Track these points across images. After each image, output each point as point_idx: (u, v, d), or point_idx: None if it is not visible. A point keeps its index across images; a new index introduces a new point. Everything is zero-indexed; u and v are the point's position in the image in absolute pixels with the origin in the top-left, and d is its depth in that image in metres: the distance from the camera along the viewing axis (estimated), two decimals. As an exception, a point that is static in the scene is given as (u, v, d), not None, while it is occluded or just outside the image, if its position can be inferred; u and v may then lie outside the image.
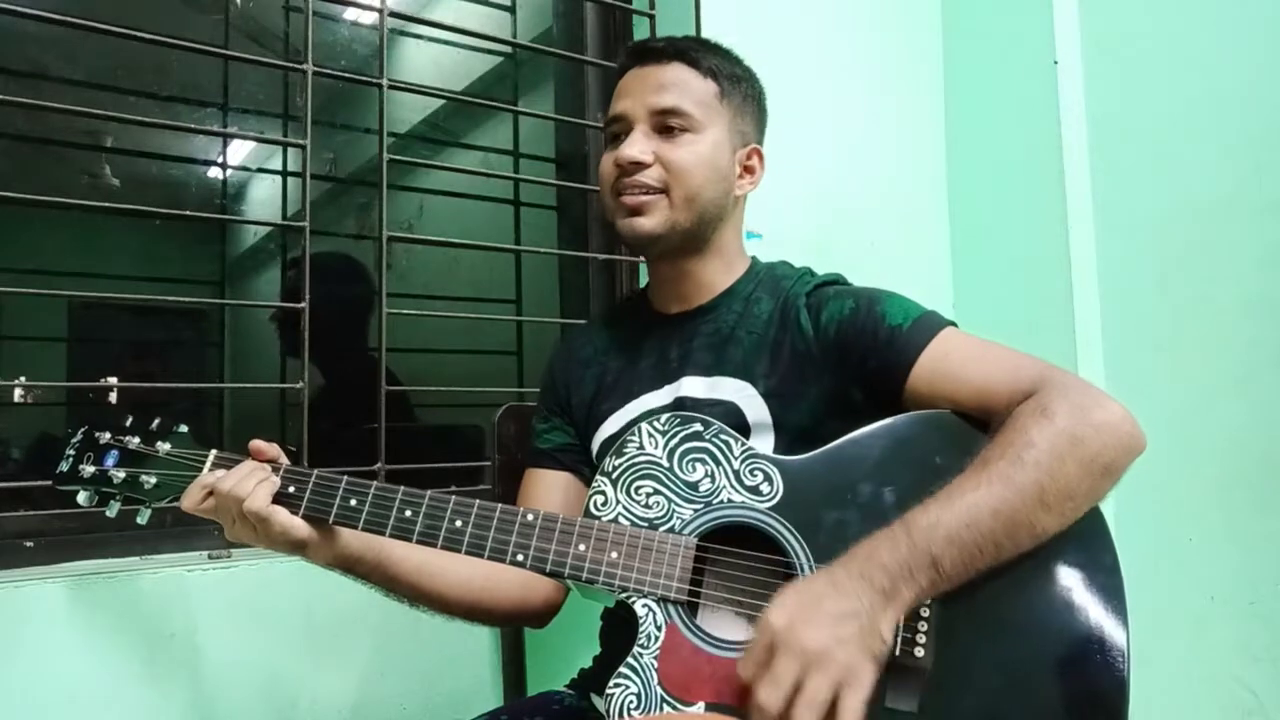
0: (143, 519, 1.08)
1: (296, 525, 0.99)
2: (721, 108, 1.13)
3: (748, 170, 1.17)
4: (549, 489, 1.20)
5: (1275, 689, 1.57)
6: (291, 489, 1.01)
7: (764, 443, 1.06)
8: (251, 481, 0.99)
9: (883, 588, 0.86)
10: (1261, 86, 1.62)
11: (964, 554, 0.88)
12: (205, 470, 1.04)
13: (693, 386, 1.12)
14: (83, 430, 1.09)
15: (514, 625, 1.22)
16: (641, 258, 1.44)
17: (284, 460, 1.04)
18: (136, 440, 1.07)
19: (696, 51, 1.14)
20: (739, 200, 1.18)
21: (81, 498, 1.06)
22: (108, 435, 1.07)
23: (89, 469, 1.06)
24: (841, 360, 1.07)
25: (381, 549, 1.04)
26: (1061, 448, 0.90)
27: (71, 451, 1.07)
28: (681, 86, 1.12)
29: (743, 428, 1.06)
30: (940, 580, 0.88)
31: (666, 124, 1.11)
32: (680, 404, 1.11)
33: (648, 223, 1.11)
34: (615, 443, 1.05)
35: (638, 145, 1.10)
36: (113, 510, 1.07)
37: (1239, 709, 1.61)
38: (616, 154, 1.12)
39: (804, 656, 0.82)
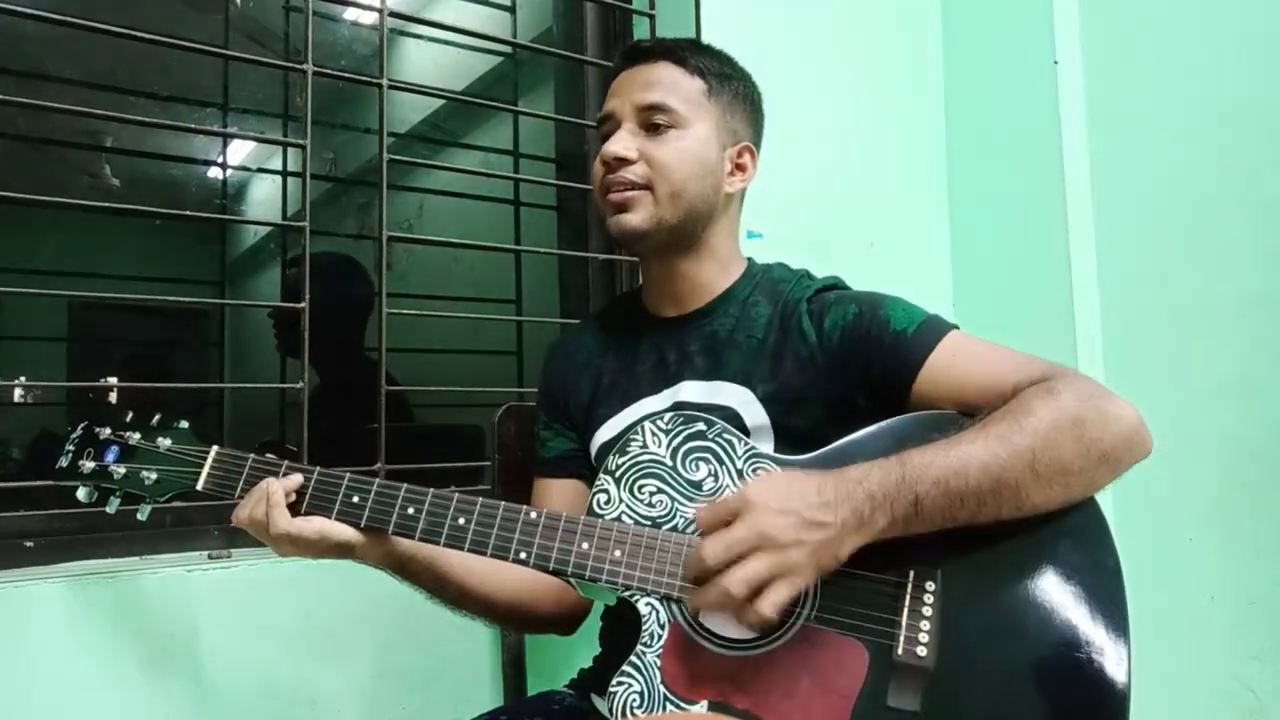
0: (143, 515, 1.07)
1: (334, 529, 1.00)
2: (709, 104, 1.13)
3: (739, 168, 1.16)
4: (556, 497, 1.20)
5: (1275, 689, 1.57)
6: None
7: (763, 447, 1.05)
8: (262, 507, 0.99)
9: (860, 513, 0.88)
10: (1261, 86, 1.62)
11: (945, 499, 0.89)
12: (206, 467, 1.04)
13: (691, 391, 1.12)
14: (83, 425, 1.08)
15: (549, 632, 1.22)
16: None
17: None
18: (137, 436, 1.06)
19: (685, 51, 1.14)
20: (731, 198, 1.17)
21: (81, 494, 1.05)
22: (108, 431, 1.07)
23: (89, 464, 1.05)
24: (846, 367, 1.06)
25: (434, 548, 1.03)
26: (1061, 423, 0.91)
27: (71, 447, 1.07)
28: (668, 84, 1.12)
29: (741, 432, 1.06)
30: (914, 519, 0.90)
31: (652, 120, 1.11)
32: (679, 409, 1.10)
33: (633, 218, 1.10)
34: (616, 444, 1.05)
35: (622, 142, 1.10)
36: (112, 507, 1.06)
37: (1239, 709, 1.61)
38: (602, 151, 1.12)
39: (760, 537, 0.87)
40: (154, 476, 1.04)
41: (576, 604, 1.18)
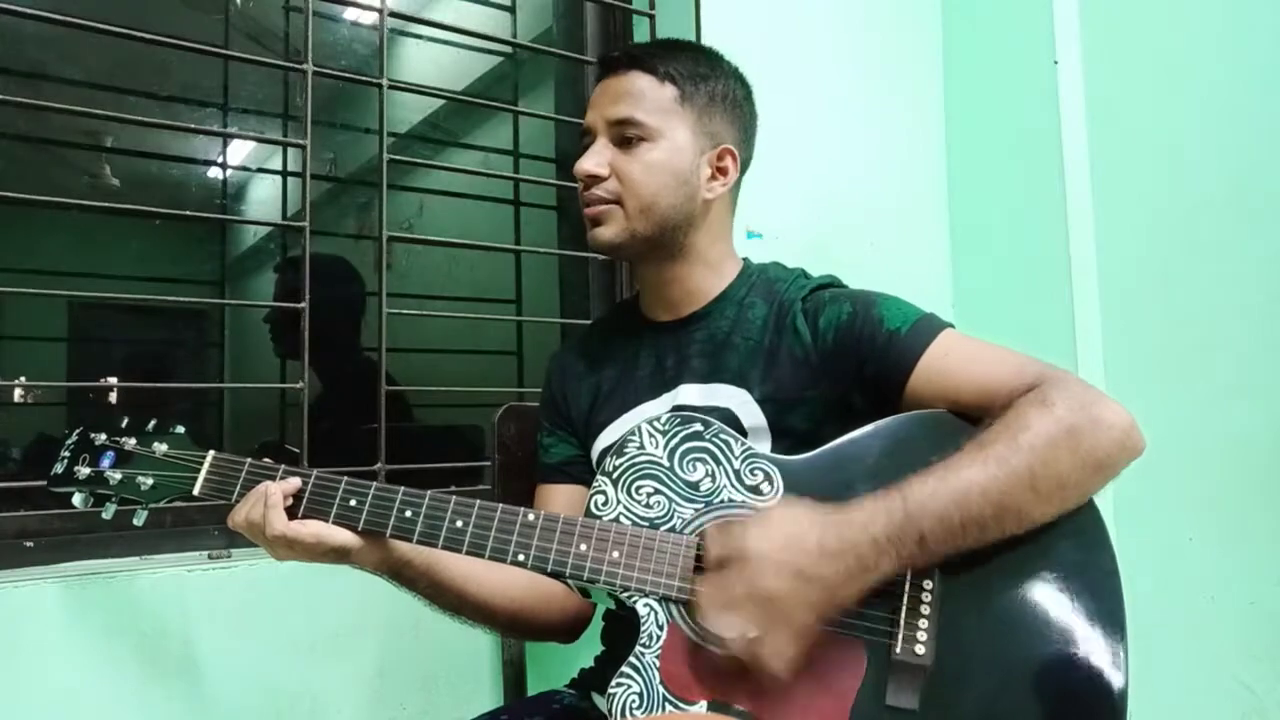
0: (139, 520, 1.06)
1: (332, 533, 0.99)
2: (683, 111, 1.12)
3: (720, 171, 1.14)
4: (559, 503, 1.19)
5: (1275, 689, 1.57)
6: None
7: (760, 447, 1.05)
8: (259, 509, 0.99)
9: (865, 563, 0.88)
10: (1261, 86, 1.62)
11: (949, 532, 0.89)
12: (203, 472, 1.04)
13: (689, 394, 1.12)
14: (78, 431, 1.08)
15: (551, 639, 1.22)
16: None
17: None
18: (133, 441, 1.06)
19: (655, 57, 1.13)
20: (711, 204, 1.15)
21: (77, 500, 1.05)
22: (104, 436, 1.07)
23: (84, 470, 1.05)
24: (840, 366, 1.06)
25: (431, 553, 1.03)
26: (1057, 437, 0.91)
27: (66, 453, 1.07)
28: (636, 96, 1.11)
29: (738, 433, 1.06)
30: (920, 555, 0.89)
31: (624, 135, 1.11)
32: (677, 411, 1.11)
33: (606, 232, 1.12)
34: (614, 446, 1.05)
35: (592, 159, 1.11)
36: (109, 512, 1.06)
37: (1239, 709, 1.61)
38: (575, 168, 1.13)
39: (753, 590, 0.86)
40: (150, 482, 1.04)
41: (579, 611, 1.18)
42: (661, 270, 1.16)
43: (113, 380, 1.36)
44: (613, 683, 0.93)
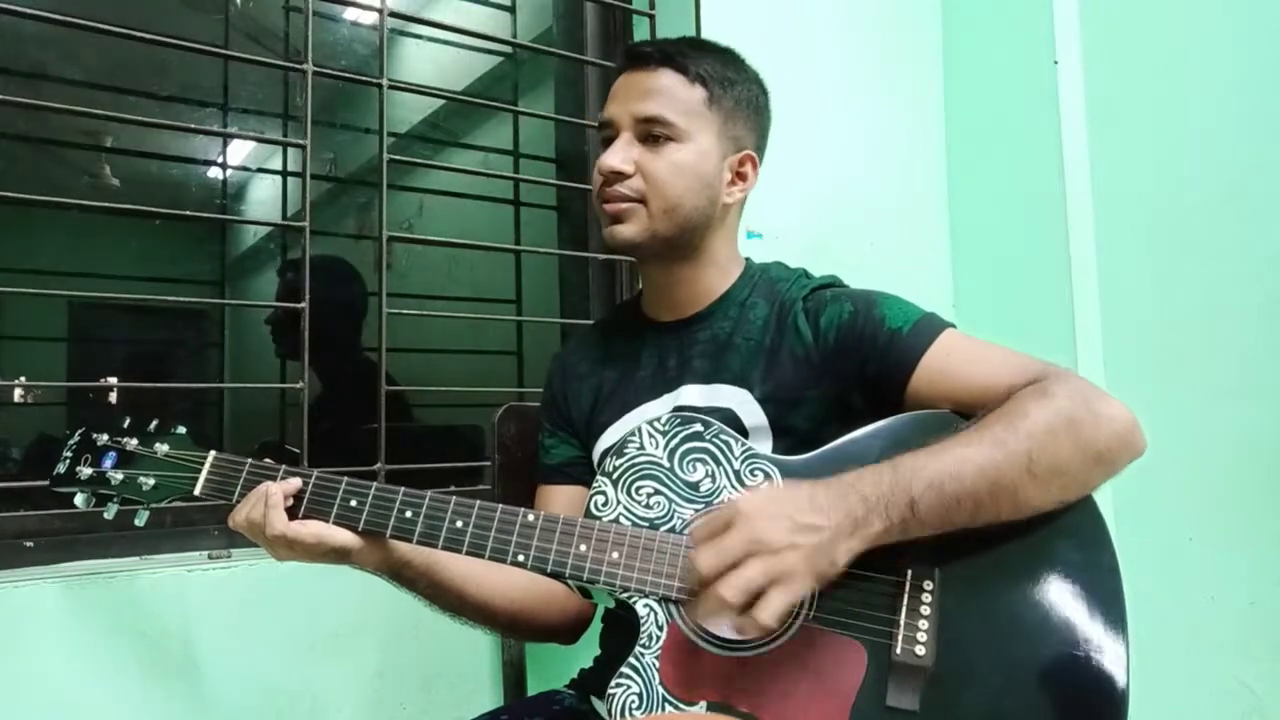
0: (140, 521, 1.07)
1: (332, 534, 0.99)
2: (710, 114, 1.11)
3: (740, 177, 1.15)
4: (560, 504, 1.19)
5: (1275, 689, 1.57)
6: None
7: (761, 447, 1.05)
8: (260, 509, 0.99)
9: (854, 515, 0.87)
10: (1261, 85, 1.62)
11: (942, 501, 0.89)
12: (204, 472, 1.04)
13: (691, 395, 1.12)
14: (80, 432, 1.08)
15: (551, 640, 1.22)
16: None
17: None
18: (134, 442, 1.06)
19: (686, 56, 1.12)
20: (729, 208, 1.15)
21: (79, 500, 1.05)
22: (105, 437, 1.07)
23: (86, 471, 1.05)
24: (842, 365, 1.06)
25: (431, 553, 1.03)
26: (1056, 424, 0.91)
27: (69, 453, 1.07)
28: (667, 94, 1.10)
29: (739, 432, 1.06)
30: (912, 522, 0.89)
31: (651, 132, 1.09)
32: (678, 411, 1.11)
33: (626, 230, 1.10)
34: (615, 447, 1.05)
35: (618, 155, 1.09)
36: (110, 512, 1.06)
37: (1239, 709, 1.61)
38: (599, 162, 1.11)
39: (753, 543, 0.85)
40: (151, 482, 1.04)
41: (579, 612, 1.18)
42: (671, 271, 1.16)
43: (113, 380, 1.35)
44: (612, 683, 0.93)
